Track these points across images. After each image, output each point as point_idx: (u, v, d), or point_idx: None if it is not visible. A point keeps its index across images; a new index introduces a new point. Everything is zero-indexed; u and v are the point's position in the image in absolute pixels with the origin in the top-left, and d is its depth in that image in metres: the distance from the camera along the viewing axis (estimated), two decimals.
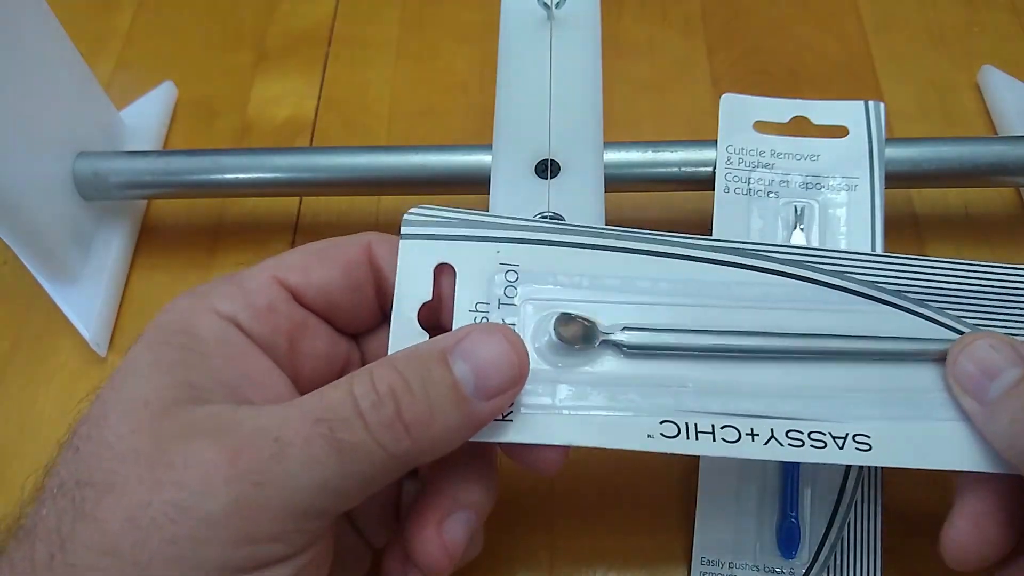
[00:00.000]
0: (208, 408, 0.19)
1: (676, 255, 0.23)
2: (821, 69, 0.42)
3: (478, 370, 0.20)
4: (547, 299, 0.23)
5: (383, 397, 0.19)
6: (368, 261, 0.23)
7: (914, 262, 0.24)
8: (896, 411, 0.22)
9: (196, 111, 0.43)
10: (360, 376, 0.19)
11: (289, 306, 0.22)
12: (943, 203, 0.37)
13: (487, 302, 0.22)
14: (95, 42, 0.45)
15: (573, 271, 0.23)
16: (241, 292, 0.22)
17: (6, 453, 0.34)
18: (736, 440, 0.22)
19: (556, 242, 0.23)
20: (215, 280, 0.22)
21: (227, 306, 0.21)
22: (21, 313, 0.37)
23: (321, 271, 0.22)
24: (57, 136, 0.35)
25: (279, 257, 0.23)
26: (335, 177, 0.35)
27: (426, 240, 0.22)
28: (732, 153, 0.32)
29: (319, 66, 0.44)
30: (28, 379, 0.35)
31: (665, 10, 0.45)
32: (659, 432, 0.22)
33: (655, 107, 0.42)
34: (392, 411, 0.19)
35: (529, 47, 0.32)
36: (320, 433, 0.18)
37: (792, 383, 0.22)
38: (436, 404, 0.19)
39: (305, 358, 0.23)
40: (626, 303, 0.23)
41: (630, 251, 0.23)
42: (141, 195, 0.38)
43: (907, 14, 0.44)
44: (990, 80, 0.40)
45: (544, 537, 0.30)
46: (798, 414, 0.22)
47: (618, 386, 0.22)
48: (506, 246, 0.23)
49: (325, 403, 0.19)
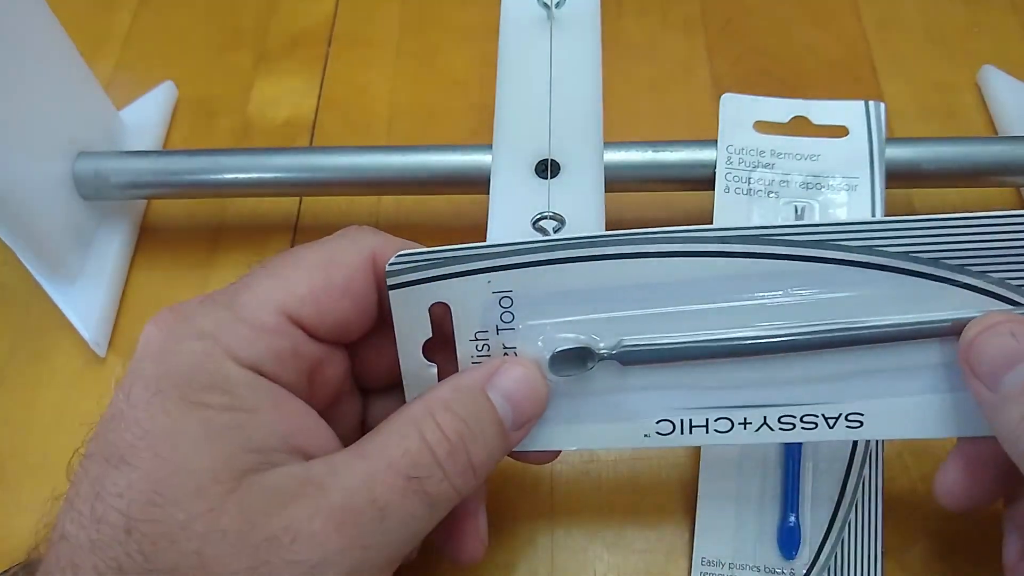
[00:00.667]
0: (282, 470, 0.19)
1: (677, 253, 0.22)
2: (821, 69, 0.42)
3: (514, 403, 0.21)
4: (544, 321, 0.23)
5: (455, 445, 0.20)
6: (372, 273, 0.22)
7: (948, 222, 0.21)
8: (896, 387, 0.22)
9: (196, 111, 0.43)
10: (425, 423, 0.20)
11: (308, 346, 0.21)
12: (943, 203, 0.37)
13: (485, 330, 0.22)
14: (95, 42, 0.45)
15: (568, 287, 0.22)
16: (258, 335, 0.20)
17: (5, 454, 0.34)
18: (728, 430, 0.22)
19: (547, 261, 0.22)
20: (218, 311, 0.20)
21: (247, 352, 0.19)
22: (20, 313, 0.37)
23: (333, 305, 0.21)
24: (57, 136, 0.35)
25: (282, 280, 0.21)
26: (335, 177, 0.35)
27: (415, 286, 0.22)
28: (732, 153, 0.32)
29: (319, 66, 0.44)
30: (27, 380, 0.35)
31: (665, 10, 0.45)
32: (655, 431, 0.23)
33: (655, 107, 0.42)
34: (465, 458, 0.20)
35: (529, 47, 0.32)
36: (414, 490, 0.19)
37: (793, 375, 0.22)
38: (490, 442, 0.21)
39: (320, 387, 0.22)
40: (624, 314, 0.23)
41: (626, 256, 0.22)
42: (141, 195, 0.38)
43: (908, 14, 0.44)
44: (991, 80, 0.40)
45: (545, 537, 0.30)
46: (794, 400, 0.22)
47: (617, 394, 0.23)
48: (496, 274, 0.22)
49: (410, 458, 0.19)
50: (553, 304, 0.23)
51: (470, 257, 0.22)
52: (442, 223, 0.39)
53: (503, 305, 0.22)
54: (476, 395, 0.21)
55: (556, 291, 0.22)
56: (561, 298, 0.23)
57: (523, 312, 0.22)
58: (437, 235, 0.39)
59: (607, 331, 0.23)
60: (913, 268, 0.22)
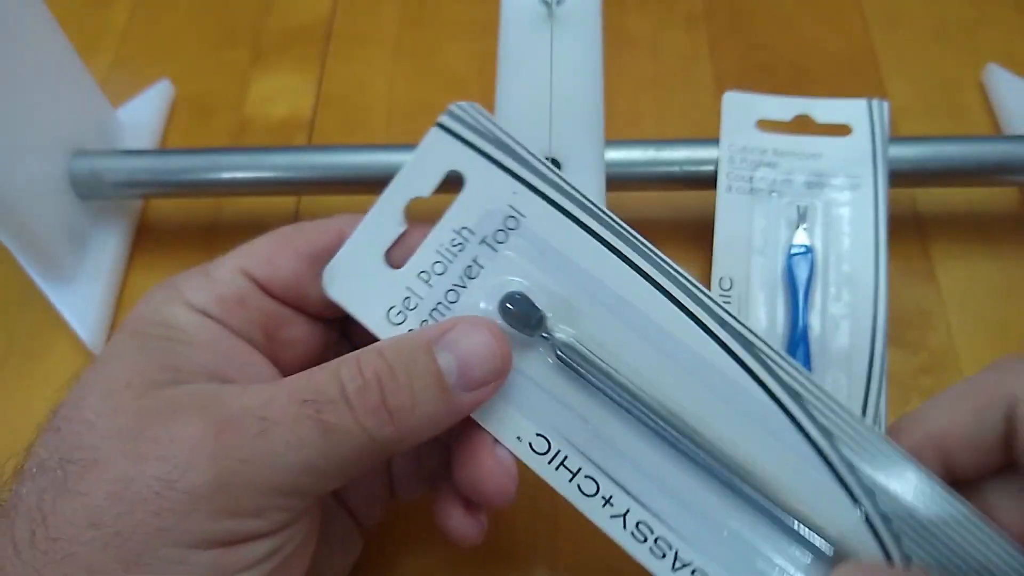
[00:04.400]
0: (191, 386, 0.20)
1: (671, 296, 0.21)
2: (824, 67, 0.42)
3: (462, 362, 0.20)
4: (527, 264, 0.22)
5: (369, 382, 0.19)
6: (335, 246, 0.23)
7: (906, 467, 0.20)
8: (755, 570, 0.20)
9: (193, 109, 0.43)
10: (347, 361, 0.20)
11: (259, 299, 0.22)
12: (947, 202, 0.37)
13: (474, 232, 0.22)
14: (91, 40, 0.45)
15: (570, 252, 0.22)
16: (210, 284, 0.22)
17: (0, 455, 0.33)
18: (591, 495, 0.21)
19: (572, 216, 0.22)
20: (189, 271, 0.22)
21: (198, 298, 0.21)
22: (16, 312, 0.37)
23: (287, 263, 0.22)
24: (53, 135, 0.34)
25: (250, 245, 0.23)
26: (333, 176, 0.34)
27: (457, 140, 0.21)
28: (735, 151, 0.32)
29: (317, 63, 0.44)
30: (23, 379, 0.35)
31: (667, 6, 0.45)
32: (528, 440, 0.21)
33: (657, 105, 0.41)
34: (377, 397, 0.19)
35: (529, 44, 0.31)
36: (307, 414, 0.19)
37: (679, 482, 0.21)
38: (419, 393, 0.19)
39: (283, 347, 0.23)
40: (592, 313, 0.22)
41: (633, 265, 0.22)
42: (137, 194, 0.38)
43: (912, 11, 0.44)
44: (995, 78, 0.40)
45: (546, 533, 0.29)
46: (662, 514, 0.21)
47: (530, 385, 0.21)
48: (525, 192, 0.21)
49: (312, 384, 0.19)
50: (546, 257, 0.22)
51: (518, 156, 0.22)
52: None
53: (507, 224, 0.22)
54: (416, 348, 0.20)
55: (558, 247, 0.22)
56: (555, 257, 0.22)
57: (518, 241, 0.22)
58: None
59: (568, 318, 0.22)
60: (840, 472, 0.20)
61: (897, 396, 0.32)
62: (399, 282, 0.22)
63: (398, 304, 0.22)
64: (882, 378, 0.29)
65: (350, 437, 0.19)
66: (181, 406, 0.19)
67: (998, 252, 0.36)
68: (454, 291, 0.22)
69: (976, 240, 0.36)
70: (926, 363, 0.33)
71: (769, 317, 0.31)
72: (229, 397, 0.19)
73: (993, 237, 0.36)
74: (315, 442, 0.19)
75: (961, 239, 0.36)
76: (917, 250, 0.36)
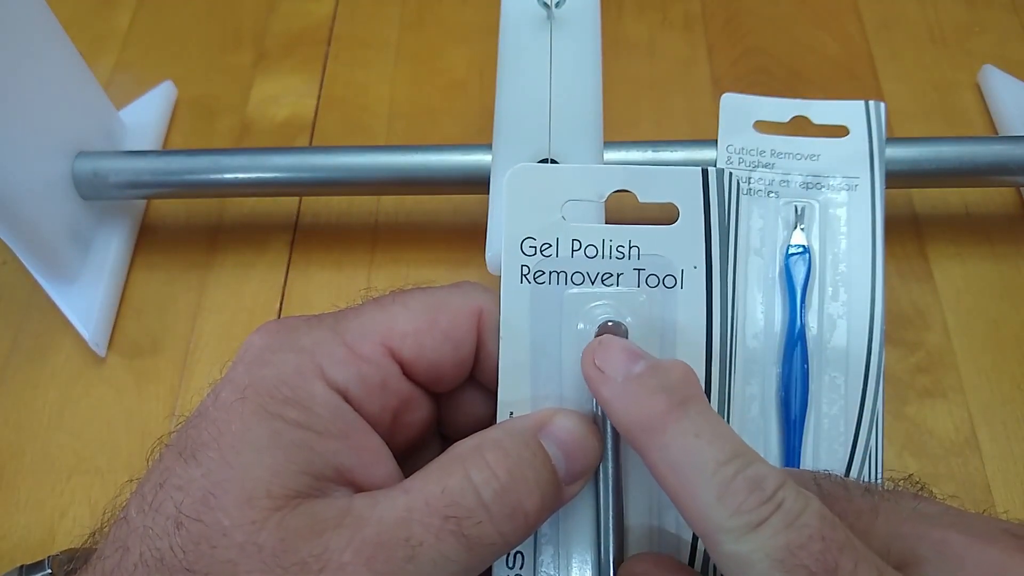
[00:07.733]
0: (328, 501, 0.19)
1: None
2: (822, 69, 0.42)
3: (567, 453, 0.20)
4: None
5: (505, 486, 0.19)
6: (476, 326, 0.22)
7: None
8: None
9: (196, 111, 0.43)
10: (472, 460, 0.19)
11: (399, 382, 0.21)
12: (943, 203, 0.37)
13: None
14: (95, 42, 0.45)
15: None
16: (353, 359, 0.20)
17: (5, 454, 0.34)
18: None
19: None
20: (321, 330, 0.20)
21: (338, 374, 0.20)
22: (20, 313, 0.37)
23: (434, 346, 0.21)
24: (56, 136, 0.35)
25: (389, 314, 0.21)
26: (335, 177, 0.35)
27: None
28: (732, 153, 0.32)
29: (319, 66, 0.44)
30: (27, 379, 0.35)
31: (665, 10, 0.45)
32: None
33: (655, 107, 0.42)
34: (517, 502, 0.19)
35: (529, 47, 0.32)
36: (450, 530, 0.18)
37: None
38: (545, 490, 0.19)
39: (403, 429, 0.22)
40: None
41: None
42: (140, 195, 0.38)
43: (908, 14, 0.44)
44: (990, 80, 0.40)
45: None
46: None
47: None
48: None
49: (448, 496, 0.18)
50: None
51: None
52: (442, 223, 0.39)
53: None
54: (529, 439, 0.20)
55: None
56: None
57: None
58: (437, 234, 0.39)
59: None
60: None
61: (894, 395, 0.32)
62: None
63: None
64: (879, 377, 0.29)
65: (491, 548, 0.18)
66: (325, 526, 0.18)
67: (994, 252, 0.36)
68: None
69: (972, 240, 0.36)
70: (923, 362, 0.33)
71: (767, 317, 0.31)
72: (365, 510, 0.18)
73: (989, 237, 0.36)
74: (460, 559, 0.18)
75: (957, 239, 0.36)
76: (914, 250, 0.36)
